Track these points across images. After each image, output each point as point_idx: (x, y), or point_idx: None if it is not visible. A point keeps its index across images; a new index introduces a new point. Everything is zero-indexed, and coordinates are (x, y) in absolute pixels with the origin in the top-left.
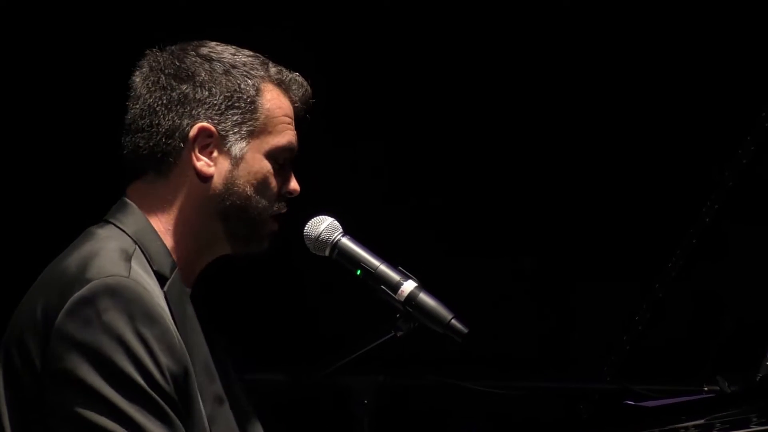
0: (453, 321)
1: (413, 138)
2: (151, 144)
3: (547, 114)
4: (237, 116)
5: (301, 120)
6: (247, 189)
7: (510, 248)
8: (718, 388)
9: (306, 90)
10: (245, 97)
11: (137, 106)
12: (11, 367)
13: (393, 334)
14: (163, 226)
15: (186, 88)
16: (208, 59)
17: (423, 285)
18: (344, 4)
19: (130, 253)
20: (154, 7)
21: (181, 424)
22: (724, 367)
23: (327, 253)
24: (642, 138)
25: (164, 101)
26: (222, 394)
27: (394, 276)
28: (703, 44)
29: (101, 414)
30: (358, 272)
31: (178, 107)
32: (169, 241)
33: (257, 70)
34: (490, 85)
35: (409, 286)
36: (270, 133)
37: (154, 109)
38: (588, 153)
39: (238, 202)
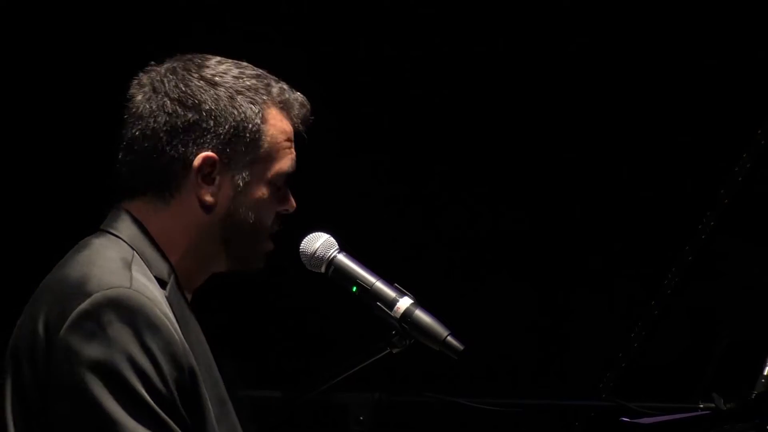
0: (449, 338)
1: (411, 151)
2: (152, 168)
3: (544, 139)
4: (241, 145)
5: (299, 138)
6: (249, 215)
7: (506, 264)
8: (713, 405)
9: (307, 110)
10: (251, 126)
11: (139, 126)
12: (19, 378)
13: (389, 350)
14: (162, 243)
15: (192, 117)
16: (213, 84)
17: (419, 302)
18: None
19: (129, 260)
20: (152, 11)
21: None
22: (720, 385)
23: (323, 269)
24: (639, 155)
25: (168, 128)
26: (225, 396)
27: (390, 293)
28: (698, 63)
29: (106, 430)
30: (354, 289)
31: (183, 135)
32: (169, 257)
33: (261, 94)
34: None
35: (404, 303)
36: (273, 159)
37: (158, 134)
38: (584, 169)
39: (241, 228)
